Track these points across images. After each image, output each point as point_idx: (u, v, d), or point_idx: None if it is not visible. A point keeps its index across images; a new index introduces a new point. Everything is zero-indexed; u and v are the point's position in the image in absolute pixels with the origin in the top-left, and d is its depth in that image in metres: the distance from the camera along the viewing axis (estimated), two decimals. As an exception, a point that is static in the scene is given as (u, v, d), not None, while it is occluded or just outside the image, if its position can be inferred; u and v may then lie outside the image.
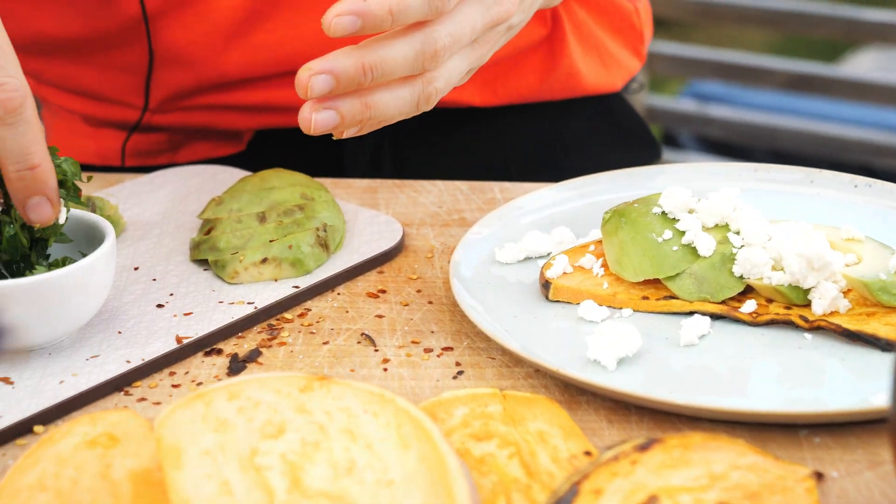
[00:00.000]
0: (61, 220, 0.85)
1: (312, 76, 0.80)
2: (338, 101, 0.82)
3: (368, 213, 1.06)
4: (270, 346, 0.89)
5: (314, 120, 0.82)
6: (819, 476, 0.74)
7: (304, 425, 0.70)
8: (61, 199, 0.84)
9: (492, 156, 1.26)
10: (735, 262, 0.89)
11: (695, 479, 0.70)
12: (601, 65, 1.28)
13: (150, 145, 1.25)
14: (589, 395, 0.83)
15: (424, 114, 1.19)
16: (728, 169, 1.08)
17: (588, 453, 0.75)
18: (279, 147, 1.25)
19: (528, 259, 0.98)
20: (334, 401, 0.72)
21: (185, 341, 0.88)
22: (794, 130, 3.42)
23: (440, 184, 1.14)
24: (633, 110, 1.36)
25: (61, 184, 0.85)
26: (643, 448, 0.72)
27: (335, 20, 0.79)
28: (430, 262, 1.01)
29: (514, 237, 1.00)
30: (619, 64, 1.31)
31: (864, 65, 4.00)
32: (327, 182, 1.15)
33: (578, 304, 0.91)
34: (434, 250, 1.03)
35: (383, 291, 0.96)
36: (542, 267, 0.94)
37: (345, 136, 0.84)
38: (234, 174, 1.15)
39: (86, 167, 1.25)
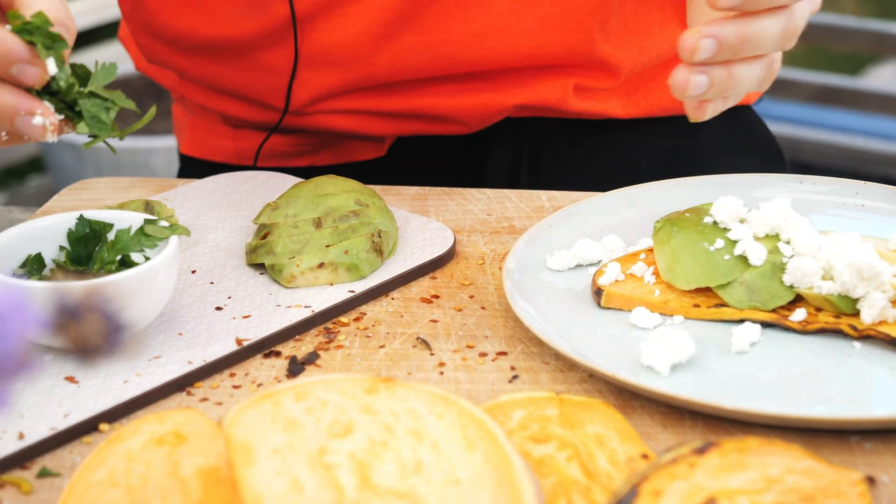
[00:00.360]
0: (52, 71, 0.83)
1: (701, 38, 0.85)
2: (710, 67, 0.86)
3: (420, 220, 1.08)
4: (328, 349, 0.91)
5: (691, 82, 0.86)
6: (871, 481, 0.75)
7: (371, 425, 0.72)
8: (45, 50, 0.83)
9: (624, 165, 1.27)
10: (785, 271, 0.91)
11: (751, 483, 0.71)
12: None
13: (289, 147, 1.26)
14: (643, 400, 0.84)
15: (562, 123, 1.22)
16: (774, 180, 1.09)
17: (645, 456, 0.76)
18: (420, 155, 1.25)
19: (578, 266, 1.00)
20: (399, 402, 0.74)
21: (244, 343, 0.90)
22: (818, 142, 3.42)
23: (488, 192, 1.16)
24: (763, 124, 1.36)
25: (35, 42, 0.83)
26: (701, 451, 0.73)
27: (702, 44, 0.85)
28: (481, 268, 1.03)
29: (565, 245, 1.02)
30: None
31: (886, 77, 4.00)
32: (377, 189, 1.17)
33: (630, 310, 0.93)
34: (485, 257, 1.04)
35: (437, 297, 0.98)
36: (595, 274, 0.96)
37: (707, 115, 0.89)
38: (285, 180, 1.17)
39: (222, 166, 1.28)
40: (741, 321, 0.91)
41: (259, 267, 1.01)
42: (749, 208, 0.95)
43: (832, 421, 0.78)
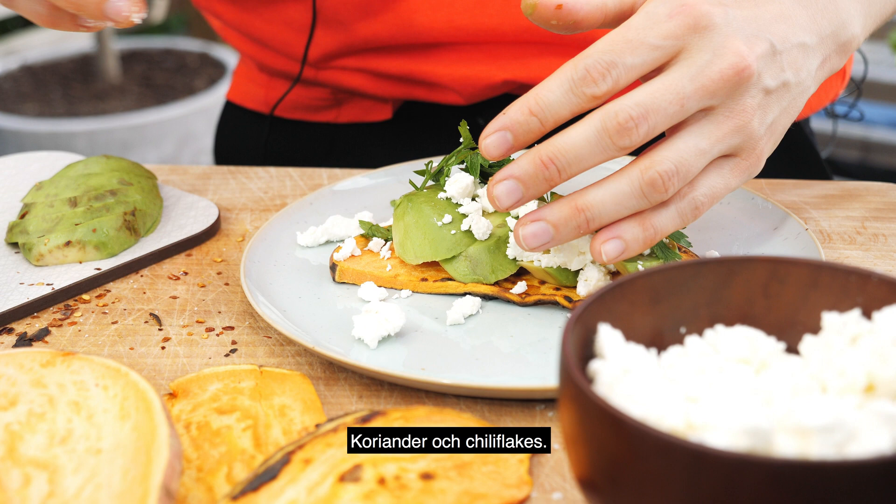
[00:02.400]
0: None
1: (495, 185, 0.81)
2: (544, 210, 0.81)
3: (190, 199, 1.09)
4: (61, 326, 0.93)
5: (523, 237, 0.82)
6: (543, 448, 0.77)
7: (36, 398, 0.74)
8: None
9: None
10: (508, 244, 0.92)
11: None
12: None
13: (313, 101, 1.30)
14: (348, 373, 0.86)
15: None
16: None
17: (318, 426, 0.78)
18: (425, 119, 1.27)
19: (329, 242, 1.02)
20: (71, 375, 0.75)
21: (-24, 320, 0.92)
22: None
23: (273, 170, 1.17)
24: (808, 138, 1.33)
25: None
26: (364, 420, 0.75)
27: (486, 143, 0.80)
28: (239, 245, 1.04)
29: (321, 221, 1.03)
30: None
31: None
32: (163, 169, 1.18)
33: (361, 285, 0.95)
34: (247, 234, 1.06)
35: (186, 273, 1.00)
36: (333, 250, 0.98)
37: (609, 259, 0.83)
38: (71, 159, 1.18)
39: (256, 114, 1.35)
40: (465, 294, 0.93)
41: (16, 246, 1.02)
42: (480, 185, 0.97)
43: (506, 390, 0.80)
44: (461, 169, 0.98)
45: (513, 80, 1.18)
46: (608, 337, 0.67)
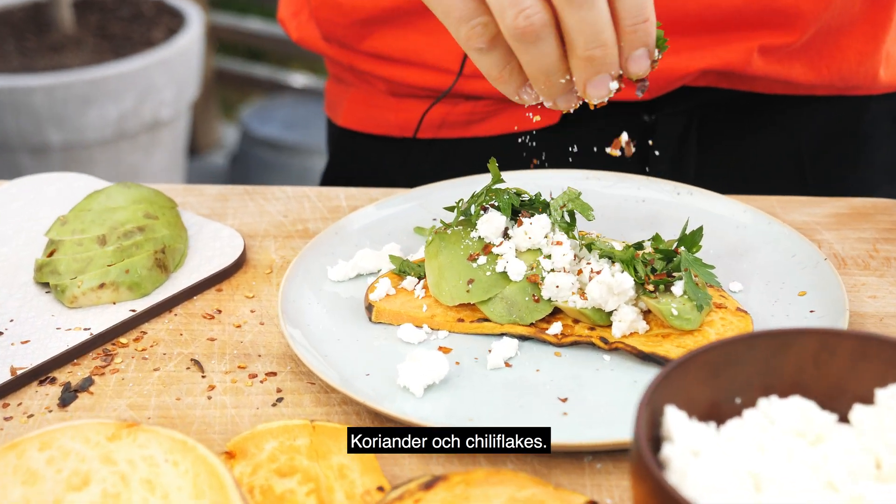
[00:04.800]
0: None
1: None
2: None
3: (213, 227, 1.10)
4: (103, 374, 0.94)
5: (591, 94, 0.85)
6: None
7: (108, 476, 0.75)
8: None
9: (786, 143, 1.27)
10: (543, 286, 0.94)
11: (473, 516, 0.76)
12: None
13: (457, 116, 1.26)
14: (397, 423, 0.88)
15: (732, 97, 1.21)
16: (559, 176, 1.13)
17: (381, 488, 0.80)
18: (591, 122, 1.20)
19: (359, 276, 1.03)
20: (139, 449, 0.77)
21: (19, 372, 0.92)
22: None
23: (289, 190, 1.18)
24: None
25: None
26: (428, 486, 0.77)
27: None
28: (268, 278, 1.05)
29: (350, 252, 1.05)
30: None
31: None
32: (178, 189, 1.19)
33: (399, 325, 0.97)
34: (273, 265, 1.07)
35: (219, 311, 1.01)
36: (367, 289, 0.99)
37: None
38: (88, 182, 1.18)
39: (381, 139, 1.30)
40: (502, 335, 0.95)
41: (47, 284, 1.03)
42: (514, 223, 0.99)
43: (560, 446, 0.83)
44: (492, 206, 0.99)
45: (707, 67, 1.17)
46: (675, 419, 0.70)
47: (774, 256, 1.03)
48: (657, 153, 1.23)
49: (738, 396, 0.74)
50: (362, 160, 1.35)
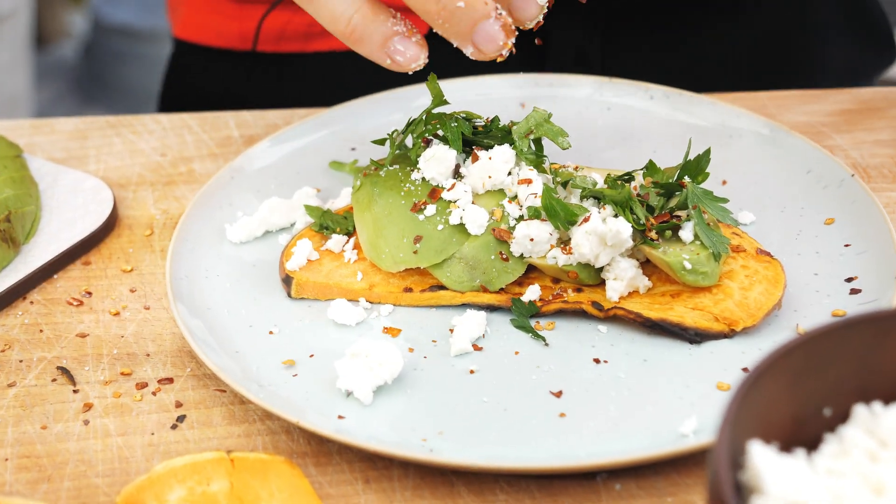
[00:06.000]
0: None
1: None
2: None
3: (71, 177, 0.86)
4: (-60, 397, 0.70)
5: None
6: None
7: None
8: None
9: (722, 51, 1.06)
10: (513, 239, 0.73)
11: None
12: None
13: (297, 26, 1.05)
14: (340, 444, 0.66)
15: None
16: (505, 81, 0.91)
17: (336, 554, 0.59)
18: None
19: (268, 234, 0.80)
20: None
21: None
22: None
23: (163, 118, 0.94)
24: (879, 5, 1.16)
25: None
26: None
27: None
28: (148, 241, 0.82)
29: (252, 202, 0.82)
30: None
31: None
32: (23, 127, 0.93)
33: (328, 300, 0.74)
34: (154, 224, 0.83)
35: (89, 294, 0.77)
36: (282, 254, 0.77)
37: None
38: None
39: (222, 52, 1.09)
40: (464, 306, 0.73)
41: None
42: (464, 158, 0.76)
43: (570, 469, 0.62)
44: (436, 137, 0.77)
45: None
46: (763, 459, 0.49)
47: (785, 174, 0.83)
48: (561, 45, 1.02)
49: (826, 407, 0.54)
50: (202, 77, 1.12)
